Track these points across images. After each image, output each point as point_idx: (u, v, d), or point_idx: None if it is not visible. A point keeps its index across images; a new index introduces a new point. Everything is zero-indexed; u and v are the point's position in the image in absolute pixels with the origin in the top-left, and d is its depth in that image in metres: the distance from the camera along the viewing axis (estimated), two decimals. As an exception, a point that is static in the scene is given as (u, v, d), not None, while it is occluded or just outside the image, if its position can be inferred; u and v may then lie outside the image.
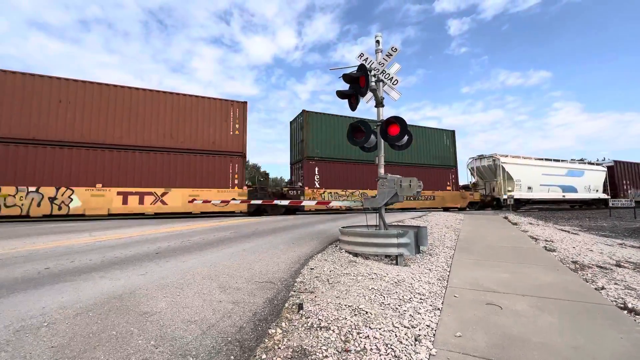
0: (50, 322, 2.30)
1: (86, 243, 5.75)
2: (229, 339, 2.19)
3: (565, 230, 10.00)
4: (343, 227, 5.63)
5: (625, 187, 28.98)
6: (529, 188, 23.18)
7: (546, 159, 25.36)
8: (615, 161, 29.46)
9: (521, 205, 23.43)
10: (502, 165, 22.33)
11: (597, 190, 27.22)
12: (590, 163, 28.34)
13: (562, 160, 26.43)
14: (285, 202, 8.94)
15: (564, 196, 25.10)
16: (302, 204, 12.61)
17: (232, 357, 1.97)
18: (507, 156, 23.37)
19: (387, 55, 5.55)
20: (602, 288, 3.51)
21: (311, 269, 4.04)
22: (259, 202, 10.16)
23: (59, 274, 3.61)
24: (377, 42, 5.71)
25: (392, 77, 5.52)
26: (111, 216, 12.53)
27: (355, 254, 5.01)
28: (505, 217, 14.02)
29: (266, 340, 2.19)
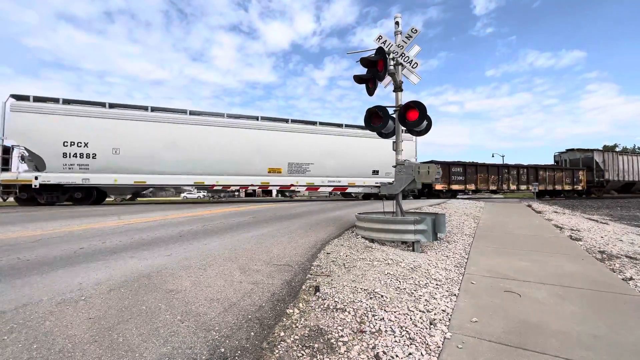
0: (87, 297, 2.50)
1: (115, 226, 6.10)
2: (249, 316, 2.31)
3: (594, 220, 9.56)
4: (359, 214, 5.65)
5: None
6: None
7: None
8: None
9: None
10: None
11: None
12: None
13: None
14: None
15: None
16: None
17: (252, 334, 2.08)
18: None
19: (406, 37, 5.36)
20: (631, 279, 3.38)
21: (328, 253, 4.11)
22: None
23: (92, 253, 3.87)
24: (397, 23, 5.51)
25: (412, 60, 5.34)
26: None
27: (372, 240, 5.04)
28: (529, 206, 13.55)
29: (284, 319, 2.29)
